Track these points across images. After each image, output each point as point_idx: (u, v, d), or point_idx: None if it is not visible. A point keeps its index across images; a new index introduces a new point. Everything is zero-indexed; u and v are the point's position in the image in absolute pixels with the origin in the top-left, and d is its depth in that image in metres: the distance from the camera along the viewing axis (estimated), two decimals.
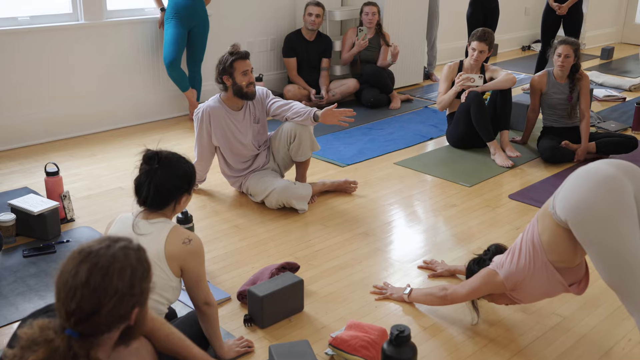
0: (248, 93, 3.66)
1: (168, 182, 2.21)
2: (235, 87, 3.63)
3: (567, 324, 2.74)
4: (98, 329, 1.46)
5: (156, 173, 2.19)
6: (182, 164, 2.26)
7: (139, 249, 1.55)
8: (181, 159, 2.28)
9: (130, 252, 1.51)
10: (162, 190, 2.20)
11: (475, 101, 4.59)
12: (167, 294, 2.21)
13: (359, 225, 3.61)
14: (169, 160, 2.22)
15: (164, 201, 2.22)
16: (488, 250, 2.72)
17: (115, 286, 1.45)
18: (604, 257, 2.19)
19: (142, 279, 1.51)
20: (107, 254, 1.47)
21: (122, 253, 1.49)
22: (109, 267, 1.46)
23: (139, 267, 1.51)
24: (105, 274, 1.45)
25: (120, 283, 1.46)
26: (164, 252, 2.18)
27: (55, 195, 3.52)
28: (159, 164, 2.20)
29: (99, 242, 1.51)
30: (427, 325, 2.70)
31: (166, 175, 2.20)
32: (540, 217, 2.38)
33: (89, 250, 1.48)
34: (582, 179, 2.23)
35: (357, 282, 3.02)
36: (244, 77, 3.61)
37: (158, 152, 2.22)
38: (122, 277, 1.47)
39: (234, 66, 3.59)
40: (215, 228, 3.55)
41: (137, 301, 1.50)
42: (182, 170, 2.24)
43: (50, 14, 4.73)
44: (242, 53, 3.61)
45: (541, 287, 2.44)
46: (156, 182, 2.19)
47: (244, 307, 2.80)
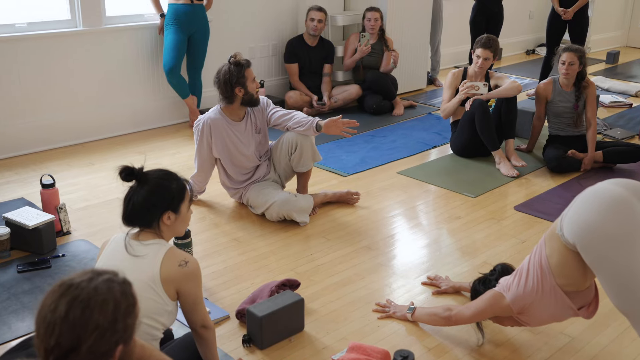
0: (258, 99, 3.63)
1: (144, 199, 2.12)
2: (247, 96, 3.57)
3: (576, 344, 2.66)
4: None
5: (136, 190, 2.12)
6: (165, 180, 2.16)
7: (124, 282, 1.46)
8: (167, 175, 2.17)
9: (114, 285, 1.43)
10: (140, 208, 2.12)
11: (479, 109, 4.51)
12: (162, 318, 2.13)
13: (361, 239, 3.53)
14: (147, 176, 2.13)
15: (142, 220, 2.14)
16: (494, 270, 2.64)
17: (96, 321, 1.37)
18: (615, 282, 2.11)
19: (126, 314, 1.42)
20: (89, 287, 1.39)
21: (105, 286, 1.41)
22: (89, 301, 1.37)
23: (122, 301, 1.42)
24: (86, 307, 1.37)
25: (102, 318, 1.38)
26: (159, 276, 2.10)
27: (51, 208, 3.44)
28: (137, 181, 2.12)
29: (81, 274, 1.43)
30: (431, 346, 2.62)
31: (144, 192, 2.11)
32: (548, 239, 2.30)
33: (69, 283, 1.40)
34: (590, 201, 2.15)
35: (359, 300, 2.94)
36: (254, 83, 3.57)
37: (135, 169, 2.13)
38: (104, 311, 1.38)
39: (245, 75, 3.52)
40: (214, 241, 3.48)
41: (121, 337, 1.42)
42: (160, 187, 2.13)
43: (48, 21, 4.66)
44: (247, 61, 3.56)
45: (549, 311, 2.36)
46: (134, 200, 2.12)
47: (242, 326, 2.72)
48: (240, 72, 3.50)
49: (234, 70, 3.51)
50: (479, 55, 4.65)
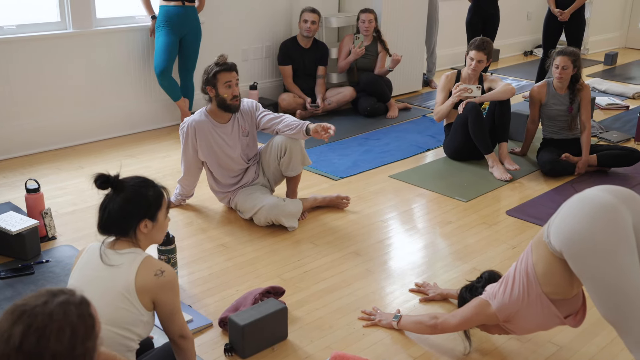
0: (231, 106, 3.55)
1: (121, 208, 2.08)
2: (218, 98, 3.53)
3: (564, 353, 2.61)
4: None
5: (112, 199, 2.08)
6: (141, 188, 2.11)
7: (82, 303, 1.41)
8: (143, 182, 2.13)
9: (70, 308, 1.37)
10: (115, 216, 2.08)
11: (472, 112, 4.46)
12: (137, 329, 2.09)
13: (350, 244, 3.48)
14: (123, 184, 2.09)
15: (118, 228, 2.10)
16: (481, 278, 2.60)
17: (53, 349, 1.32)
18: (602, 292, 2.06)
19: (85, 339, 1.37)
20: (44, 312, 1.34)
21: (61, 310, 1.36)
22: (44, 329, 1.32)
23: (80, 326, 1.37)
24: (41, 336, 1.32)
25: (59, 345, 1.33)
26: (135, 285, 2.05)
27: (36, 213, 3.40)
28: (113, 189, 2.08)
29: (36, 297, 1.37)
30: (416, 355, 2.58)
31: (119, 201, 2.08)
32: (535, 246, 2.26)
33: (22, 309, 1.34)
34: (578, 208, 2.11)
35: (345, 307, 2.90)
36: (227, 89, 3.50)
37: (110, 177, 2.09)
38: (61, 338, 1.33)
39: (217, 77, 3.49)
40: (200, 247, 3.43)
41: None
42: (136, 195, 2.09)
43: (37, 23, 4.62)
44: (227, 64, 3.50)
45: (535, 319, 2.31)
46: (110, 209, 2.08)
47: (225, 334, 2.68)
48: (213, 73, 3.49)
49: (210, 69, 3.50)
50: (472, 58, 4.61)
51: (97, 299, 2.01)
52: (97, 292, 2.04)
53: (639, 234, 2.08)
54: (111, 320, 2.03)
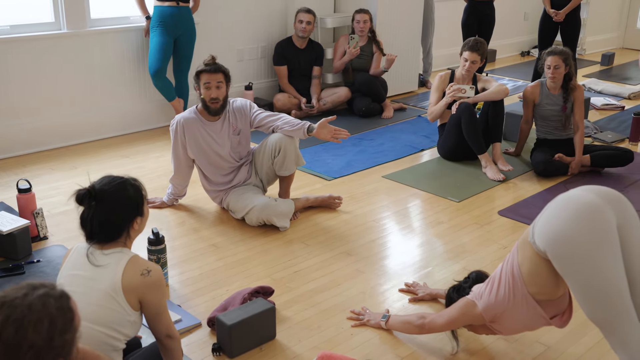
0: (210, 107, 3.55)
1: (111, 215, 2.09)
2: (201, 97, 3.56)
3: (552, 354, 2.62)
4: None
5: (96, 209, 2.07)
6: (123, 189, 2.12)
7: (61, 296, 1.42)
8: (121, 184, 2.13)
9: (49, 300, 1.39)
10: (107, 225, 2.08)
11: (466, 113, 4.47)
12: (124, 329, 2.09)
13: (341, 244, 3.49)
14: (106, 193, 2.09)
15: (113, 234, 2.11)
16: (468, 278, 2.60)
17: (31, 340, 1.34)
18: (586, 292, 2.07)
19: (63, 331, 1.39)
20: (23, 304, 1.36)
21: (40, 302, 1.37)
22: (23, 320, 1.34)
23: (59, 318, 1.38)
24: (19, 327, 1.33)
25: (37, 336, 1.34)
26: (121, 285, 2.06)
27: (28, 213, 3.41)
28: (96, 200, 2.08)
29: (16, 290, 1.39)
30: (404, 355, 2.58)
31: (107, 209, 2.08)
32: (520, 247, 2.26)
33: (2, 301, 1.36)
34: (562, 208, 2.11)
35: (334, 307, 2.90)
36: (206, 90, 3.51)
37: (90, 188, 2.08)
38: (39, 329, 1.35)
39: (199, 77, 3.52)
40: (191, 247, 3.44)
41: (59, 354, 1.38)
42: (123, 199, 2.11)
43: (31, 23, 4.63)
44: (211, 66, 3.50)
45: (521, 320, 2.32)
46: (98, 219, 2.07)
47: (214, 334, 2.68)
48: (196, 73, 3.54)
49: (197, 68, 3.54)
50: (466, 59, 4.61)
51: (84, 299, 2.04)
52: (84, 292, 2.06)
53: (623, 234, 2.08)
54: (97, 319, 2.04)
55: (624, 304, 2.03)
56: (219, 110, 3.57)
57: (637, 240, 2.10)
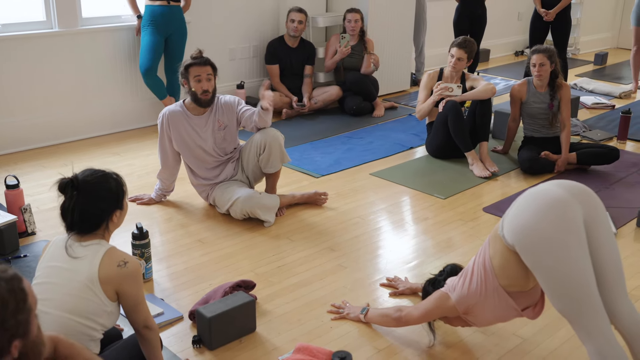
0: (201, 100, 3.60)
1: (92, 206, 2.13)
2: (190, 92, 3.60)
3: (527, 346, 2.66)
4: None
5: (77, 200, 2.12)
6: (104, 182, 2.17)
7: (13, 278, 1.46)
8: (103, 176, 2.18)
9: (0, 283, 1.43)
10: (88, 215, 2.13)
11: (452, 111, 4.51)
12: (101, 319, 2.14)
13: (325, 240, 3.53)
14: (88, 184, 2.14)
15: (92, 225, 2.15)
16: (443, 271, 2.64)
17: None
18: (553, 284, 2.10)
19: (15, 312, 1.42)
20: None
21: None
22: None
23: (10, 300, 1.42)
24: None
25: None
26: (98, 276, 2.10)
27: (15, 209, 3.46)
28: (78, 190, 2.12)
29: None
30: (381, 347, 2.62)
31: (88, 200, 2.12)
32: (492, 240, 2.30)
33: None
34: (530, 202, 2.15)
35: (315, 301, 2.94)
36: (197, 83, 3.56)
37: (72, 178, 2.14)
38: None
39: (188, 71, 3.56)
40: (178, 242, 3.48)
41: (14, 334, 1.42)
42: (104, 191, 2.16)
43: (23, 22, 4.68)
44: (200, 59, 3.55)
45: (493, 311, 2.36)
46: (79, 209, 2.12)
47: (195, 327, 2.73)
48: (185, 67, 3.57)
49: (184, 63, 3.59)
50: (452, 55, 4.65)
51: (62, 290, 2.08)
52: (61, 283, 2.10)
53: (589, 227, 2.12)
54: (75, 310, 2.08)
55: (590, 295, 2.07)
56: (209, 101, 3.62)
57: (604, 233, 2.14)
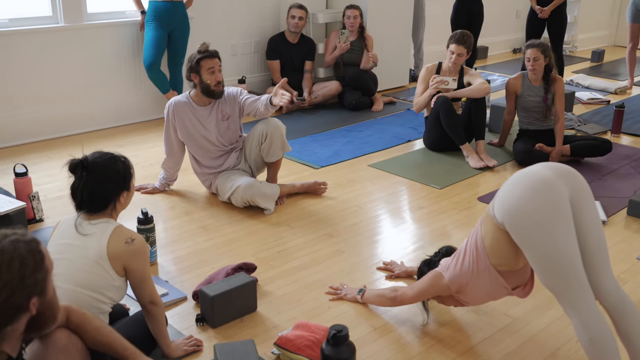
0: (215, 91, 3.71)
1: (101, 187, 2.24)
2: (202, 85, 3.69)
3: (517, 325, 2.76)
4: None
5: (86, 180, 2.23)
6: (112, 164, 2.29)
7: (31, 241, 1.58)
8: (111, 158, 2.30)
9: (20, 244, 1.54)
10: (96, 195, 2.24)
11: (443, 107, 4.61)
12: (109, 293, 2.25)
13: (324, 227, 3.64)
14: (97, 165, 2.25)
15: (101, 204, 2.26)
16: (438, 252, 2.75)
17: (5, 279, 1.49)
18: (539, 260, 2.21)
19: (34, 270, 1.54)
20: None
21: (12, 246, 1.53)
22: None
23: (29, 259, 1.54)
24: None
25: (10, 275, 1.50)
26: (106, 252, 2.21)
27: (24, 196, 3.57)
28: (87, 171, 2.23)
29: None
30: (377, 326, 2.73)
31: (97, 180, 2.23)
32: (483, 221, 2.41)
33: None
34: (519, 182, 2.26)
35: (314, 283, 3.05)
36: (211, 75, 3.66)
37: (83, 159, 2.24)
38: (11, 269, 1.50)
39: (200, 64, 3.65)
40: (182, 228, 3.59)
41: (32, 291, 1.54)
42: (112, 172, 2.28)
43: (29, 17, 4.79)
44: (209, 51, 3.66)
45: (484, 290, 2.46)
46: (88, 189, 2.23)
47: (198, 306, 2.84)
48: (196, 60, 3.65)
49: (193, 57, 3.66)
50: (452, 51, 4.74)
51: (74, 265, 2.19)
52: (73, 259, 2.21)
53: (576, 207, 2.22)
54: (85, 284, 2.20)
55: (576, 271, 2.18)
56: (221, 93, 3.74)
57: (589, 212, 2.24)
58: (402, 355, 2.55)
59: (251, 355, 2.35)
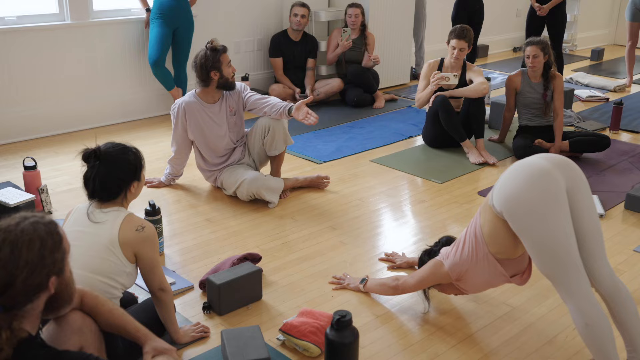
0: (233, 83, 3.82)
1: (112, 176, 2.32)
2: (222, 79, 3.77)
3: (516, 313, 2.83)
4: (17, 300, 1.58)
5: (99, 169, 2.30)
6: (124, 154, 2.36)
7: (50, 223, 1.65)
8: (123, 149, 2.38)
9: (39, 225, 1.62)
10: (108, 184, 2.32)
11: (441, 106, 4.67)
12: (121, 279, 2.32)
13: (327, 219, 3.71)
14: (109, 155, 2.32)
15: (112, 193, 2.34)
16: (439, 242, 2.83)
17: (26, 258, 1.57)
18: (537, 248, 2.28)
19: (53, 250, 1.62)
20: (16, 229, 1.59)
21: (32, 227, 1.60)
22: (17, 241, 1.57)
23: (48, 239, 1.61)
24: (14, 247, 1.57)
25: (30, 255, 1.57)
26: (118, 239, 2.29)
27: (33, 189, 3.64)
28: (100, 160, 2.31)
29: (10, 219, 1.63)
30: (379, 314, 2.80)
31: (108, 170, 2.31)
32: (482, 210, 2.48)
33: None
34: (517, 172, 2.33)
35: (317, 273, 3.12)
36: (229, 67, 3.77)
37: (95, 149, 2.32)
38: (32, 248, 1.58)
39: (220, 60, 3.72)
40: (188, 221, 3.67)
41: (51, 270, 1.61)
42: (124, 162, 2.35)
43: (37, 14, 4.87)
44: (222, 46, 3.75)
45: (483, 277, 2.54)
46: (100, 178, 2.30)
47: (204, 295, 2.91)
48: (216, 56, 3.70)
49: (210, 55, 3.71)
50: (454, 47, 4.78)
51: (87, 252, 2.27)
52: (85, 245, 2.29)
53: (572, 196, 2.30)
54: (98, 270, 2.27)
55: (572, 258, 2.25)
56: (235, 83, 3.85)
57: (584, 201, 2.31)
58: (404, 342, 2.62)
59: (257, 340, 2.42)
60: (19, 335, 1.57)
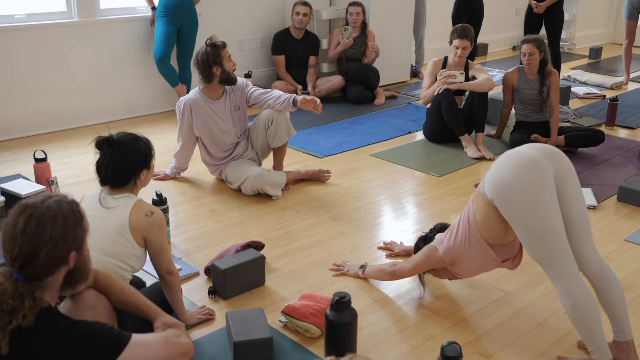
0: (234, 78, 3.93)
1: (123, 163, 2.44)
2: (224, 74, 3.88)
3: (509, 298, 2.95)
4: (40, 271, 1.70)
5: (111, 156, 2.43)
6: (135, 143, 2.48)
7: (72, 202, 1.79)
8: (134, 138, 2.50)
9: (63, 204, 1.75)
10: (119, 171, 2.44)
11: (445, 99, 4.79)
12: (130, 261, 2.44)
13: (328, 210, 3.83)
14: (121, 143, 2.45)
15: (123, 180, 2.46)
16: (433, 229, 2.94)
17: (50, 232, 1.70)
18: (526, 233, 2.40)
19: (74, 226, 1.75)
20: (42, 206, 1.72)
21: (56, 205, 1.73)
22: (42, 217, 1.71)
23: (70, 216, 1.75)
24: (40, 222, 1.70)
25: (54, 229, 1.70)
26: (128, 224, 2.41)
27: (43, 180, 3.76)
28: (112, 148, 2.43)
29: (36, 197, 1.76)
30: (377, 298, 2.92)
31: (120, 157, 2.43)
32: (474, 198, 2.60)
33: (26, 204, 1.74)
34: (507, 161, 2.45)
35: (318, 261, 3.24)
36: (229, 62, 3.88)
37: (108, 137, 2.44)
38: (55, 224, 1.71)
39: (221, 55, 3.83)
40: (192, 212, 3.79)
41: (72, 245, 1.74)
42: (135, 150, 2.47)
43: (45, 12, 5.00)
44: (222, 42, 3.86)
45: (476, 262, 2.65)
46: (112, 165, 2.42)
47: (209, 281, 3.03)
48: (217, 52, 3.82)
49: (210, 51, 3.82)
50: (457, 46, 4.87)
51: (99, 235, 2.39)
52: (97, 230, 2.40)
53: (559, 183, 2.41)
54: (109, 252, 2.39)
55: (560, 243, 2.36)
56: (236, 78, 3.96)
57: (572, 188, 2.43)
58: (401, 324, 2.74)
59: (260, 320, 2.54)
60: (40, 304, 1.70)
